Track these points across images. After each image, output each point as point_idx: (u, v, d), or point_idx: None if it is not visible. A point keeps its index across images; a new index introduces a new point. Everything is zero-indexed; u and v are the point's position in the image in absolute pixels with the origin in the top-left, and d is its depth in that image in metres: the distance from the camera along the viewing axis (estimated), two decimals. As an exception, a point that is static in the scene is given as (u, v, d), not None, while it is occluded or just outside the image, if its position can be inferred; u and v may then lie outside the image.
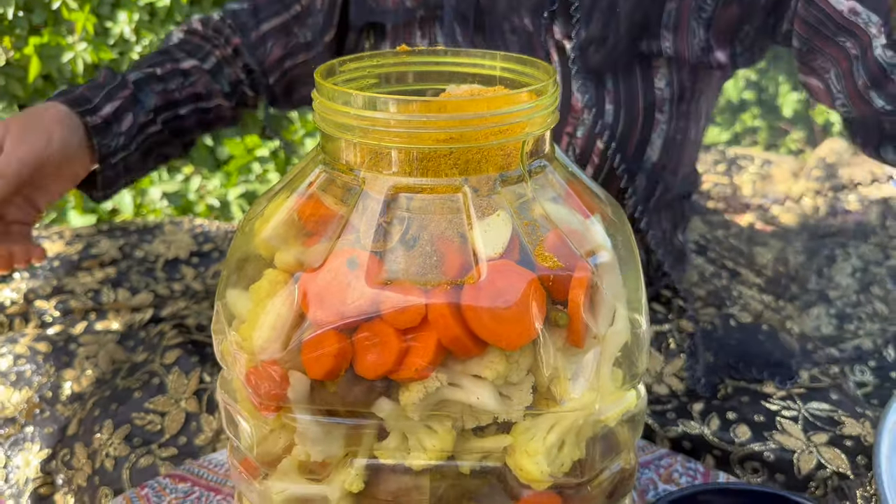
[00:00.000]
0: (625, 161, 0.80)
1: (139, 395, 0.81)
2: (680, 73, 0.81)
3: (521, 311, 0.42)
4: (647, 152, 0.82)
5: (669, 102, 0.81)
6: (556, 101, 0.47)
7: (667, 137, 0.83)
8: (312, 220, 0.46)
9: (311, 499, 0.46)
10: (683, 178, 0.89)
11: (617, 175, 0.80)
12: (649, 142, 0.82)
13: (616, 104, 0.79)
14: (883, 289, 1.27)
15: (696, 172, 0.95)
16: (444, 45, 0.83)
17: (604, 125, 0.78)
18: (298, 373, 0.43)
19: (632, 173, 0.81)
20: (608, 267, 0.45)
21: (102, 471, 0.77)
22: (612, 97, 0.79)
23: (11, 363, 0.98)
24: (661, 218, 0.90)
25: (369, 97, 0.43)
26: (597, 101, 0.78)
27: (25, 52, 1.58)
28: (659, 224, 0.89)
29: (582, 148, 0.80)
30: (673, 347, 0.83)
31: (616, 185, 0.81)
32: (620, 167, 0.79)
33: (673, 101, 0.81)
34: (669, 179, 0.85)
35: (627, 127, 0.80)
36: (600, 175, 0.81)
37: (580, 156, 0.81)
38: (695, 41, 0.78)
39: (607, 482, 0.48)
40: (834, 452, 0.69)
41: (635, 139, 0.81)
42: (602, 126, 0.78)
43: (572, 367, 0.44)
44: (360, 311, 0.42)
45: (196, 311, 1.00)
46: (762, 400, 0.75)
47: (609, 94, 0.79)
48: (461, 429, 0.44)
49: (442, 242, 0.43)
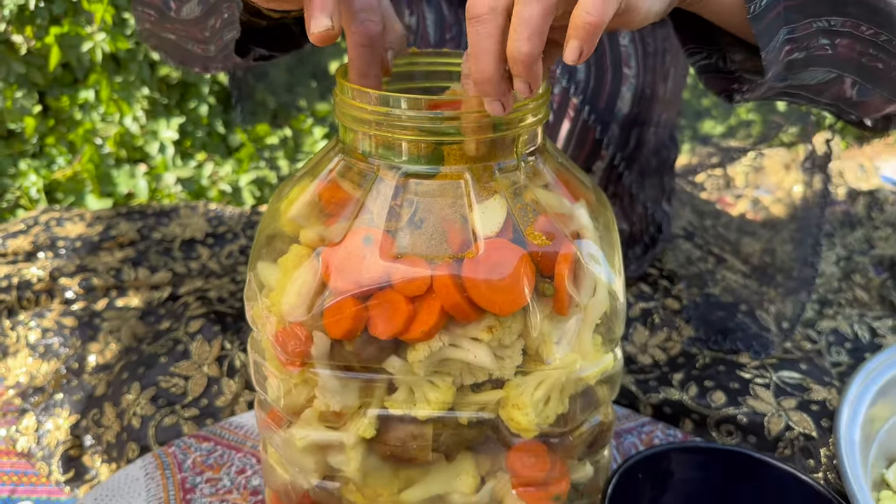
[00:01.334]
0: (596, 113, 0.84)
1: (164, 360, 0.87)
2: (642, 29, 0.85)
3: (513, 282, 0.48)
4: (618, 105, 0.86)
5: (635, 58, 0.86)
6: (548, 99, 0.53)
7: (635, 91, 0.88)
8: (332, 202, 0.51)
9: (329, 444, 0.52)
10: (659, 141, 0.94)
11: (590, 127, 0.85)
12: (619, 95, 0.86)
13: (586, 62, 0.84)
14: (865, 277, 1.32)
15: (674, 140, 1.00)
16: (432, 21, 0.87)
17: (576, 81, 0.83)
18: (320, 333, 0.49)
19: (605, 124, 0.86)
20: (590, 246, 0.52)
21: (130, 428, 0.84)
22: None
23: (40, 336, 1.04)
24: (644, 182, 0.94)
25: (383, 95, 0.48)
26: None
27: (46, 41, 1.62)
28: (642, 186, 0.94)
29: (558, 104, 0.85)
30: (657, 322, 0.89)
31: (592, 137, 0.86)
32: (592, 118, 0.84)
33: (638, 56, 0.85)
34: (643, 132, 0.90)
35: (598, 82, 0.84)
36: (576, 128, 0.86)
37: (556, 111, 0.85)
38: None
39: (587, 433, 0.54)
40: (801, 416, 0.75)
41: (605, 93, 0.85)
42: (574, 83, 0.83)
43: (557, 331, 0.50)
44: (374, 281, 0.48)
45: (217, 285, 1.06)
46: (737, 369, 0.81)
47: None
48: (460, 384, 0.50)
49: (445, 223, 0.49)
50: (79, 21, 1.66)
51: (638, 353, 0.88)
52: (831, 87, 0.63)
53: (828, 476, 0.71)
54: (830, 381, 0.80)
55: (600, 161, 0.88)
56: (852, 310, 1.21)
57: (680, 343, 0.88)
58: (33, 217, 1.27)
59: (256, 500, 0.71)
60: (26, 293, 1.09)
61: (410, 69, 0.59)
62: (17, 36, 1.63)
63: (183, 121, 1.80)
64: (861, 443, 0.72)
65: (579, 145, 0.87)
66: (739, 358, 0.83)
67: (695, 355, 0.86)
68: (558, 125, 0.86)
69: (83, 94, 1.73)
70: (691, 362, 0.84)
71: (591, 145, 0.87)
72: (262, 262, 0.53)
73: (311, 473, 0.54)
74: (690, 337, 0.88)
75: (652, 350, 0.87)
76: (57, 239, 1.20)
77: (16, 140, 1.72)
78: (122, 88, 1.74)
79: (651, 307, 0.92)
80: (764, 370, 0.81)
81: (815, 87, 0.63)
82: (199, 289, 1.08)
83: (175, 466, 0.74)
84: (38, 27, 1.64)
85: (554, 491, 0.53)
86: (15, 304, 1.09)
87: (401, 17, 0.88)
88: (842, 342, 1.08)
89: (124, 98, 1.73)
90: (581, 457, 0.55)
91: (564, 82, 0.84)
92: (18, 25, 1.62)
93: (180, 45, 0.75)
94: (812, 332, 1.08)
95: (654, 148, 0.94)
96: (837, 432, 0.71)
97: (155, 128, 1.76)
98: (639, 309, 0.92)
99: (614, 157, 0.86)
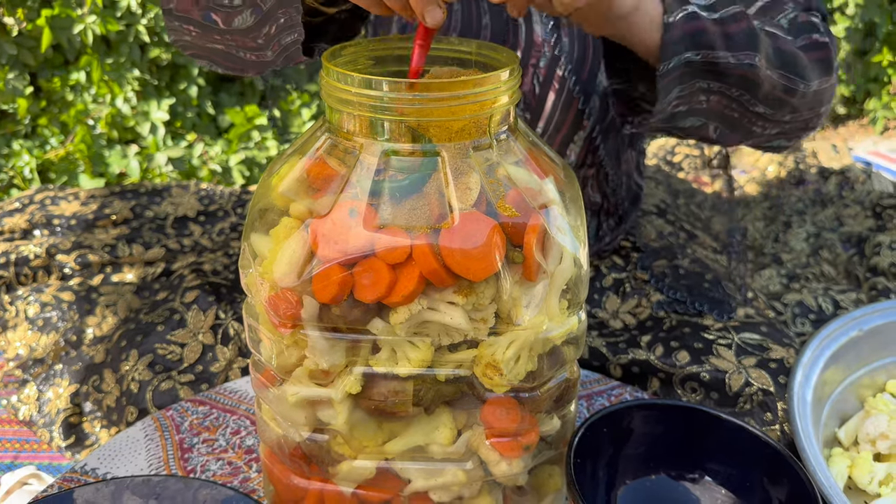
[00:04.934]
0: (579, 83, 0.89)
1: (161, 328, 0.92)
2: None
3: (485, 250, 0.52)
4: (599, 77, 0.91)
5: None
6: (519, 82, 0.57)
7: None
8: (320, 178, 0.55)
9: (318, 400, 0.57)
10: None
11: (574, 97, 0.89)
12: (600, 68, 0.91)
13: (570, 37, 0.88)
14: (832, 253, 1.37)
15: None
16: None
17: (562, 54, 0.88)
18: (310, 298, 0.53)
19: (587, 94, 0.90)
20: (557, 217, 0.56)
21: (128, 392, 0.88)
22: (566, 31, 0.88)
23: (38, 310, 1.08)
24: (619, 155, 0.99)
25: (365, 78, 0.52)
26: (556, 37, 0.87)
27: (38, 23, 1.64)
28: (617, 159, 0.98)
29: (544, 76, 0.89)
30: (628, 291, 0.94)
31: (575, 107, 0.90)
32: (576, 89, 0.88)
33: None
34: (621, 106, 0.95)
35: (581, 55, 0.89)
36: (561, 98, 0.90)
37: (543, 83, 0.90)
38: None
39: (555, 389, 0.59)
40: (760, 373, 0.80)
41: (588, 65, 0.90)
42: (561, 55, 0.88)
43: (526, 296, 0.55)
44: (359, 250, 0.52)
45: (211, 258, 1.10)
46: (701, 331, 0.86)
47: (564, 28, 0.88)
48: (438, 344, 0.55)
49: (424, 196, 0.53)
50: (69, 3, 1.68)
51: (609, 319, 0.93)
52: (700, 130, 0.81)
53: (783, 427, 0.77)
54: (790, 343, 0.85)
55: (581, 131, 0.93)
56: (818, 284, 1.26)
57: (649, 309, 0.93)
58: (28, 196, 1.30)
59: (250, 458, 0.76)
60: (24, 269, 1.13)
61: (394, 53, 0.63)
62: (9, 18, 1.65)
63: (173, 102, 1.82)
64: (813, 403, 0.78)
65: (563, 115, 0.91)
66: (704, 320, 0.88)
67: (662, 319, 0.90)
68: (545, 96, 0.90)
69: (75, 75, 1.75)
70: (658, 325, 0.89)
71: (573, 115, 0.91)
72: (256, 234, 0.58)
73: (302, 427, 0.58)
74: (658, 301, 0.93)
75: (623, 316, 0.92)
76: (52, 217, 1.23)
77: (8, 121, 1.75)
78: (114, 70, 1.76)
79: (623, 277, 0.97)
80: (727, 332, 0.86)
81: (687, 128, 0.80)
82: (194, 262, 1.12)
83: (173, 428, 0.79)
84: (29, 9, 1.66)
85: (524, 442, 0.58)
86: (13, 280, 1.13)
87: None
88: (806, 314, 1.13)
89: (115, 79, 1.76)
90: (549, 410, 0.60)
91: (549, 53, 0.87)
92: (10, 7, 1.64)
93: (230, 54, 0.77)
94: (778, 304, 1.13)
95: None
96: (791, 392, 0.77)
97: (146, 109, 1.79)
98: (611, 279, 0.97)
99: (594, 129, 0.91)
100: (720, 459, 0.67)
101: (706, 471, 0.67)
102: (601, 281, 0.97)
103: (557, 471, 0.64)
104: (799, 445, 0.71)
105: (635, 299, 0.94)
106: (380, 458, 0.59)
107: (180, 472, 0.74)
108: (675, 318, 0.90)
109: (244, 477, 0.74)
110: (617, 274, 0.97)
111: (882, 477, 0.74)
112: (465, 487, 0.59)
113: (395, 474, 0.59)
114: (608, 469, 0.66)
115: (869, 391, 0.86)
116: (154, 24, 1.77)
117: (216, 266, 1.07)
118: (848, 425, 0.81)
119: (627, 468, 0.67)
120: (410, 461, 0.59)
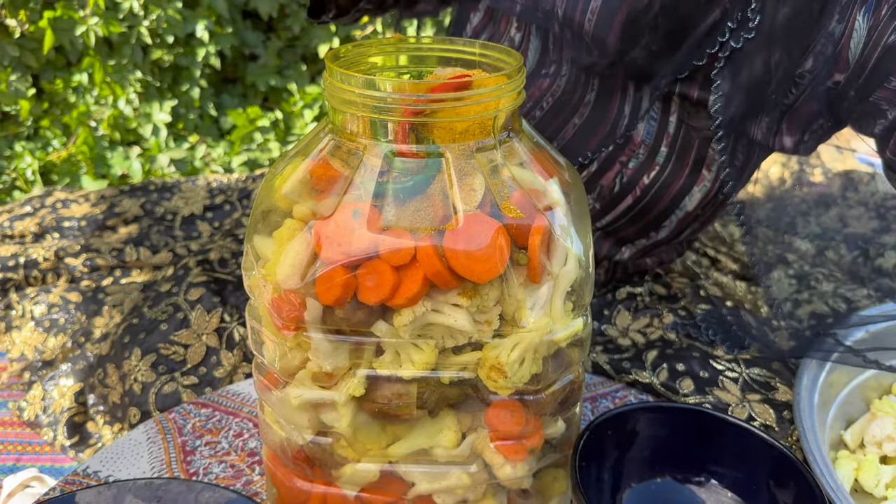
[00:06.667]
0: (661, 204, 0.84)
1: (165, 327, 0.91)
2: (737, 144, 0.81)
3: (490, 252, 0.51)
4: (685, 202, 0.85)
5: (719, 165, 0.81)
6: (523, 83, 0.56)
7: (706, 195, 0.85)
8: (323, 179, 0.55)
9: (322, 402, 0.56)
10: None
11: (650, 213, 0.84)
12: (689, 193, 0.85)
13: (670, 149, 0.82)
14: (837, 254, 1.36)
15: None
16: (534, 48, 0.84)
17: (654, 164, 0.82)
18: (313, 300, 0.53)
19: (665, 215, 0.85)
20: (562, 219, 0.56)
21: (131, 392, 0.88)
22: (668, 141, 0.82)
23: (46, 311, 1.08)
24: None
25: (369, 79, 0.52)
26: (655, 141, 0.82)
27: (40, 25, 1.64)
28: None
29: (629, 178, 0.84)
30: (640, 308, 0.93)
31: (647, 220, 0.86)
32: (656, 209, 0.83)
33: (723, 165, 0.80)
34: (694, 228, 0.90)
35: (674, 173, 0.83)
36: (636, 207, 0.85)
37: (626, 184, 0.84)
38: (765, 121, 0.78)
39: (559, 391, 0.59)
40: (764, 408, 0.78)
41: (677, 186, 0.84)
42: (652, 165, 0.82)
43: (531, 298, 0.54)
44: (363, 252, 0.51)
45: (220, 245, 1.09)
46: (710, 360, 0.84)
47: (668, 137, 0.82)
48: (442, 347, 0.54)
49: (428, 198, 0.53)
50: (72, 5, 1.68)
51: (619, 337, 0.91)
52: None
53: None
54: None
55: (644, 240, 0.90)
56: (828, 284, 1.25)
57: (660, 330, 0.91)
58: (39, 198, 1.30)
59: (253, 461, 0.76)
60: (33, 272, 1.13)
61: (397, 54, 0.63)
62: (11, 20, 1.65)
63: (175, 103, 1.82)
64: (819, 405, 0.77)
65: (633, 224, 0.87)
66: (714, 350, 0.87)
67: (672, 342, 0.89)
68: (621, 198, 0.85)
69: (77, 77, 1.75)
70: (668, 344, 0.88)
71: (643, 226, 0.87)
72: (258, 236, 0.57)
73: (305, 430, 0.58)
74: (672, 322, 0.90)
75: (632, 334, 0.90)
76: (63, 220, 1.23)
77: (10, 122, 1.75)
78: (116, 71, 1.76)
79: (637, 293, 0.95)
80: (736, 364, 0.84)
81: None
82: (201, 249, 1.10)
83: (175, 431, 0.79)
84: (31, 11, 1.66)
85: (529, 445, 0.58)
86: (22, 282, 1.13)
87: (509, 27, 0.86)
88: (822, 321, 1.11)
89: (117, 81, 1.76)
90: (554, 413, 0.60)
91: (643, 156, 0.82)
92: (12, 9, 1.64)
93: None
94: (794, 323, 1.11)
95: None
96: (797, 395, 0.76)
97: (148, 110, 1.79)
98: (625, 292, 0.96)
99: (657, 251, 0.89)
100: (726, 462, 0.66)
101: (712, 474, 0.67)
102: (615, 293, 0.96)
103: (562, 474, 0.64)
104: (805, 448, 0.70)
105: (647, 317, 0.92)
106: (383, 461, 0.58)
107: (183, 474, 0.74)
108: (685, 341, 0.88)
109: (247, 480, 0.73)
110: (632, 288, 0.96)
111: (889, 480, 0.74)
112: (469, 490, 0.59)
113: (398, 477, 0.59)
114: (613, 472, 0.66)
115: (875, 393, 0.85)
116: (156, 25, 1.77)
117: (223, 254, 1.05)
118: (854, 428, 0.81)
119: (633, 471, 0.67)
120: (414, 464, 0.58)
